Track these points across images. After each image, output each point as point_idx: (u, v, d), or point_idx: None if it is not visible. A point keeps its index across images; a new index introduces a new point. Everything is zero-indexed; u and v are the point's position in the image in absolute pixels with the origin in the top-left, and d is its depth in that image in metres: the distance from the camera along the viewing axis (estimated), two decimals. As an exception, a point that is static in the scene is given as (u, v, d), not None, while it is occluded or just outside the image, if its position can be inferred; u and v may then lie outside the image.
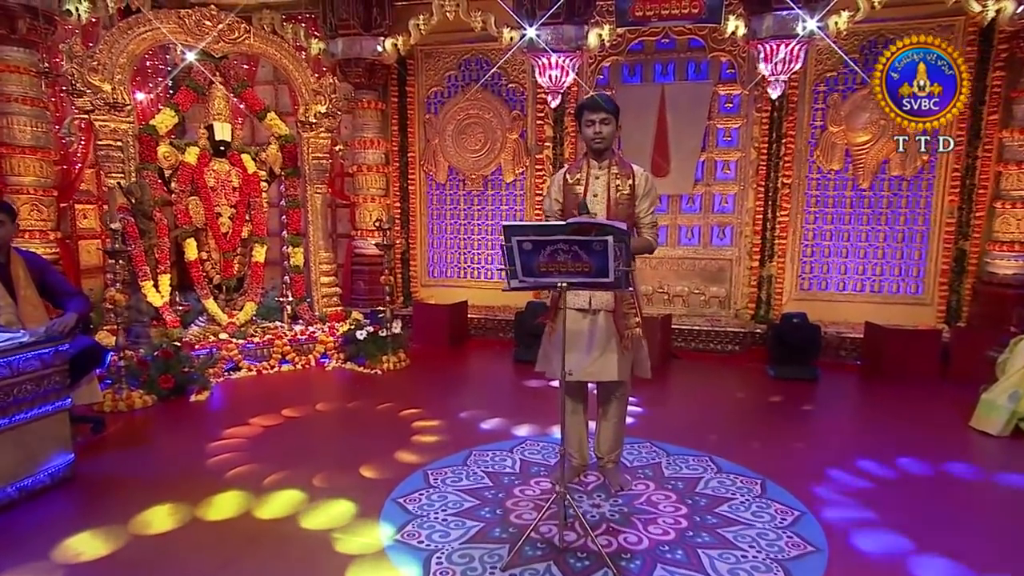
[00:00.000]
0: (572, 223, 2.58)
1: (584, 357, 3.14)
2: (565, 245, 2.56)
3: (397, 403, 4.84)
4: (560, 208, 3.23)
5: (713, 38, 6.79)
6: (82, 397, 4.01)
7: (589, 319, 3.16)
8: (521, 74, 7.46)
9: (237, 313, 6.09)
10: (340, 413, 4.69)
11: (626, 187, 3.12)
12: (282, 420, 4.49)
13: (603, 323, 3.14)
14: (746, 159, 6.98)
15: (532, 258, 2.63)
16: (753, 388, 5.44)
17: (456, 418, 4.53)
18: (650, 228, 3.18)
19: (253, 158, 6.31)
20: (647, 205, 3.16)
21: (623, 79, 7.22)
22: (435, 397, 5.06)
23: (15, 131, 5.67)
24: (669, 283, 7.30)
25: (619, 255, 2.57)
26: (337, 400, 4.97)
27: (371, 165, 7.60)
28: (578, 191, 3.14)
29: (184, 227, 5.86)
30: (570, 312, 3.17)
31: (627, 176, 3.14)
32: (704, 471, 3.64)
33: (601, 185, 3.12)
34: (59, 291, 4.07)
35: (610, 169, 3.13)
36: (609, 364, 3.13)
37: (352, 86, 7.43)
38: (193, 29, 5.87)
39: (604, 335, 3.13)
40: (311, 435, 4.22)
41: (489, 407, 4.75)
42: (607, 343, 3.13)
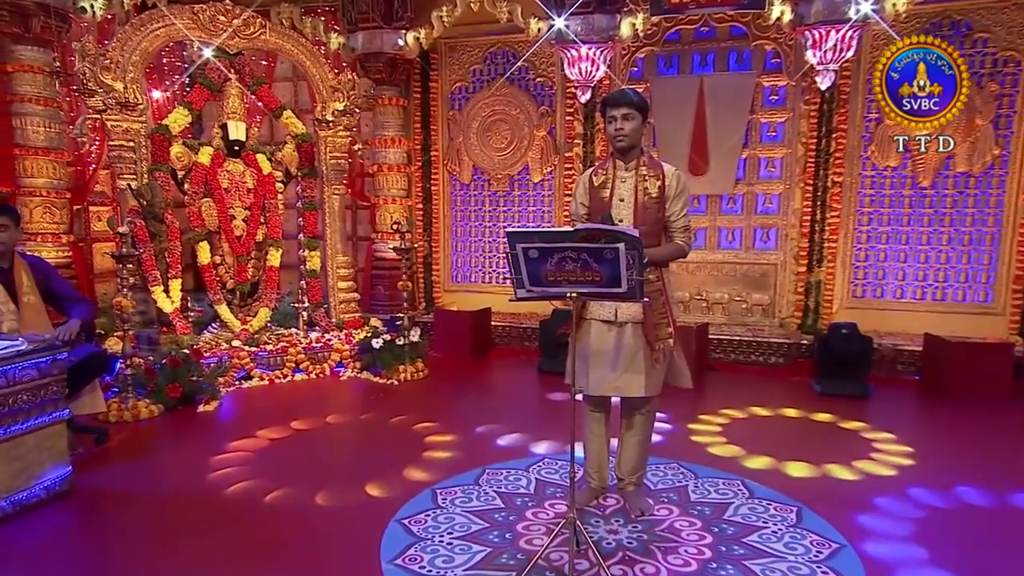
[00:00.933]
0: (580, 230, 2.53)
1: (609, 372, 3.09)
2: (573, 253, 2.52)
3: (411, 416, 4.83)
4: (586, 212, 3.18)
5: (757, 25, 6.64)
6: (85, 407, 4.09)
7: (615, 332, 3.09)
8: (550, 67, 7.41)
9: (251, 319, 6.17)
10: (351, 426, 4.70)
11: (655, 188, 3.04)
12: (290, 433, 4.52)
13: (631, 336, 3.08)
14: (792, 156, 6.81)
15: (539, 266, 2.60)
16: (797, 404, 5.29)
17: (471, 433, 4.50)
18: (682, 232, 3.11)
19: (268, 158, 6.40)
20: (679, 207, 3.08)
21: (659, 71, 7.12)
22: (451, 410, 5.04)
23: (28, 132, 5.85)
24: (708, 289, 7.16)
25: (632, 263, 2.52)
26: (349, 412, 4.98)
27: (392, 164, 7.64)
28: (604, 195, 3.08)
29: (197, 230, 5.96)
30: (595, 324, 3.12)
31: (656, 176, 3.06)
32: (735, 496, 3.53)
33: (628, 188, 3.06)
34: (63, 297, 4.17)
35: (638, 170, 3.06)
36: (635, 378, 3.07)
37: (373, 82, 7.48)
38: (207, 25, 5.98)
39: (632, 349, 3.07)
40: (319, 449, 4.23)
41: (507, 421, 4.70)
42: (634, 357, 3.07)
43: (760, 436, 4.55)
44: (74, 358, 3.87)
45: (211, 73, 6.11)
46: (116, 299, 4.75)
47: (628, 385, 3.09)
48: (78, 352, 3.92)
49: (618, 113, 2.99)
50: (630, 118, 2.99)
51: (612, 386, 3.11)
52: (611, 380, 3.09)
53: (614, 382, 3.09)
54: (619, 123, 3.00)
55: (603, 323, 3.10)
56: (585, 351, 3.13)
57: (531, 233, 2.59)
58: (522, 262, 2.61)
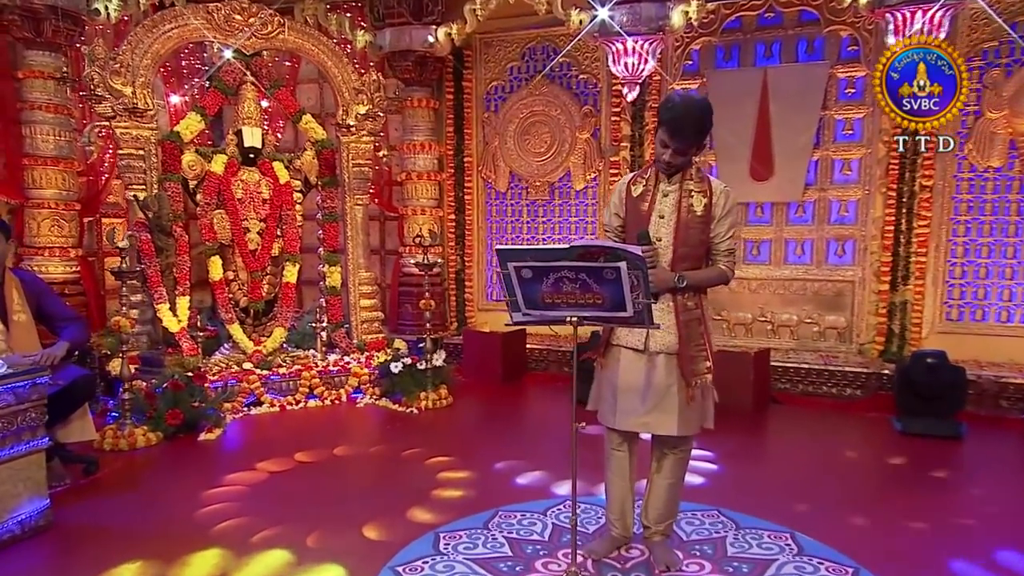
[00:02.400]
0: (577, 247, 2.49)
1: (638, 405, 3.01)
2: (571, 273, 2.51)
3: (426, 448, 4.80)
4: (621, 225, 3.12)
5: (830, 8, 6.44)
6: (74, 434, 4.20)
7: (645, 362, 3.00)
8: (594, 63, 7.35)
9: (265, 340, 6.26)
10: (359, 459, 4.70)
11: (700, 206, 2.94)
12: (293, 465, 4.54)
13: (663, 368, 2.99)
14: (872, 157, 6.55)
15: (534, 287, 2.60)
16: (871, 445, 5.03)
17: (489, 469, 4.43)
18: (726, 256, 3.02)
19: (286, 166, 6.51)
20: (725, 228, 2.98)
21: (716, 63, 6.98)
22: (471, 443, 4.98)
23: (37, 140, 6.10)
24: (773, 310, 6.93)
25: (637, 284, 2.48)
26: (360, 443, 4.98)
27: (421, 172, 7.70)
28: (643, 208, 3.00)
29: (208, 243, 6.10)
30: (624, 351, 3.05)
31: (703, 193, 2.96)
32: (780, 551, 3.34)
33: (670, 204, 2.96)
34: (55, 316, 4.30)
35: (683, 184, 2.97)
36: (667, 416, 2.99)
37: (401, 83, 7.56)
38: (222, 24, 6.14)
39: (663, 382, 2.98)
40: (320, 484, 4.23)
41: (531, 457, 4.61)
42: (666, 392, 2.98)
43: (822, 481, 4.33)
44: (61, 381, 3.98)
45: (226, 76, 6.26)
46: (115, 318, 4.88)
47: (659, 423, 3.01)
48: (65, 375, 4.02)
49: (672, 144, 2.85)
50: (683, 152, 2.88)
51: (640, 422, 3.03)
52: (640, 415, 3.01)
53: (643, 417, 3.01)
54: (670, 155, 2.87)
55: (632, 351, 3.02)
56: (613, 380, 3.06)
57: (522, 251, 2.60)
58: (515, 282, 2.61)
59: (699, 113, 2.86)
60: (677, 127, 2.82)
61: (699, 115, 2.86)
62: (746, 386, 5.87)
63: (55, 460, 4.09)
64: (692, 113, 2.84)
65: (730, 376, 5.89)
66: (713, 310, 7.08)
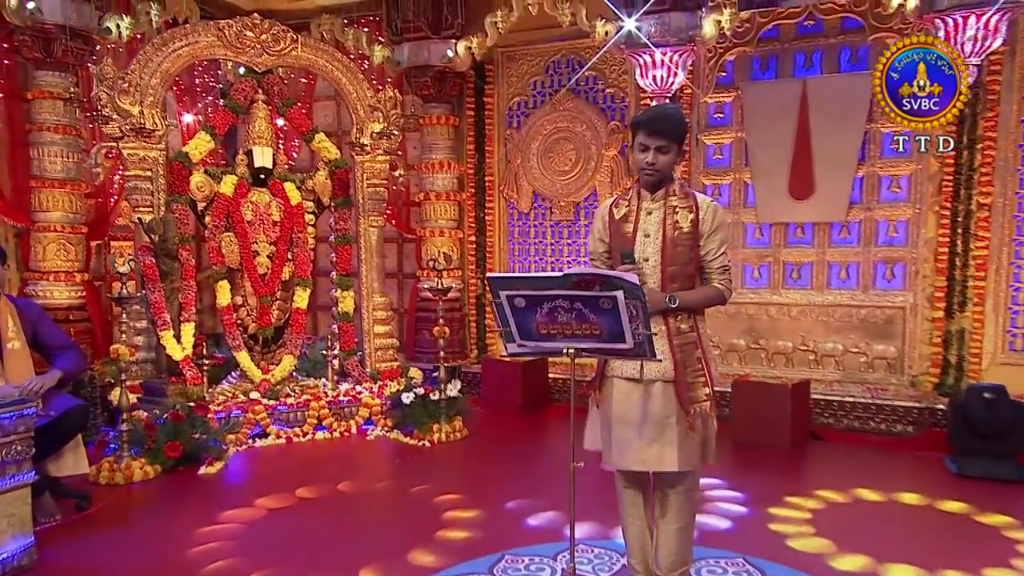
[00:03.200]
0: (571, 275, 2.47)
1: (636, 439, 2.96)
2: (566, 302, 2.50)
3: (435, 485, 4.77)
4: (606, 251, 3.11)
5: (875, 15, 6.33)
6: (66, 467, 4.24)
7: (641, 392, 2.96)
8: (621, 76, 7.34)
9: (273, 368, 6.30)
10: (363, 495, 4.68)
11: (687, 222, 2.93)
12: (293, 502, 4.54)
13: (660, 397, 2.94)
14: (923, 172, 6.41)
15: (528, 317, 2.60)
16: (922, 488, 4.85)
17: (500, 508, 4.38)
18: (720, 274, 2.99)
19: (298, 187, 6.58)
20: (716, 245, 2.96)
21: (752, 75, 6.92)
22: (482, 479, 4.94)
23: (45, 162, 6.26)
24: (816, 338, 6.77)
25: (636, 315, 2.47)
26: (366, 478, 4.97)
27: (440, 192, 7.75)
28: (626, 230, 2.99)
29: (215, 267, 6.18)
30: (618, 382, 3.01)
31: (689, 208, 2.95)
32: (809, 606, 3.21)
33: (655, 222, 2.95)
34: (51, 344, 4.38)
35: (666, 200, 2.96)
36: (668, 450, 2.92)
37: (420, 99, 7.62)
38: (233, 42, 6.27)
39: (661, 412, 2.93)
40: (319, 523, 4.21)
41: (546, 496, 4.54)
42: (665, 422, 2.93)
43: (862, 527, 4.19)
44: (53, 412, 4.04)
45: (237, 94, 6.38)
46: (113, 346, 4.95)
47: (659, 458, 2.93)
48: (57, 405, 4.08)
49: (652, 144, 2.87)
50: (665, 151, 2.88)
51: (638, 458, 2.96)
52: (637, 451, 2.95)
53: (641, 453, 2.95)
54: (652, 155, 2.88)
55: (627, 381, 2.98)
56: (608, 415, 3.02)
57: (514, 279, 2.62)
58: (508, 312, 2.60)
59: (674, 112, 2.98)
60: (654, 126, 2.86)
61: (674, 114, 2.96)
62: (783, 420, 5.74)
63: (46, 495, 4.15)
64: (666, 111, 2.96)
65: (766, 409, 5.82)
66: (751, 338, 6.96)
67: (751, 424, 5.87)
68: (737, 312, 7.06)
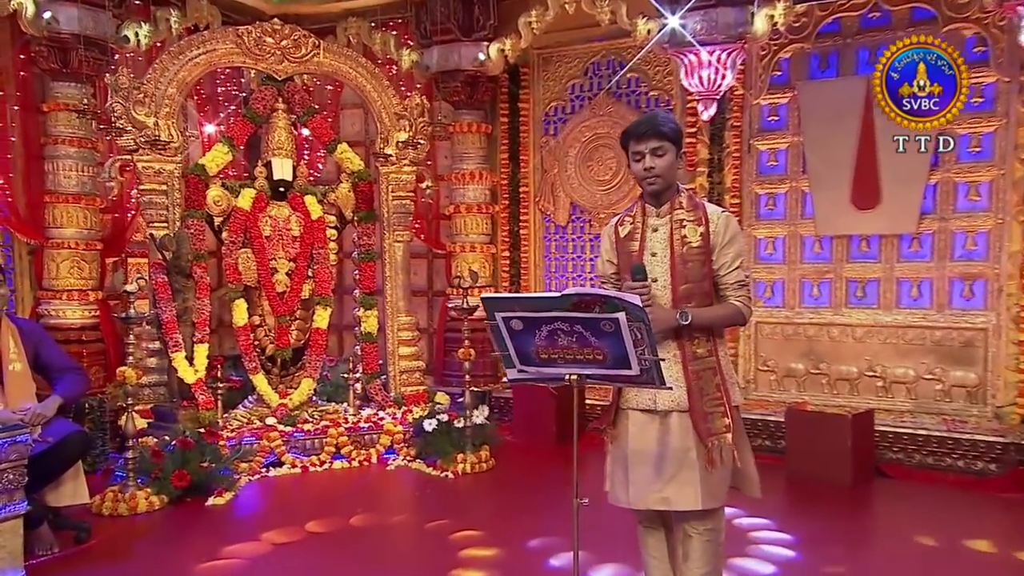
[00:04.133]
0: (571, 295, 2.43)
1: (652, 477, 2.91)
2: (565, 324, 2.47)
3: (453, 519, 4.75)
4: (615, 272, 3.10)
5: (949, 4, 6.18)
6: (65, 496, 4.32)
7: (658, 425, 2.92)
8: (666, 77, 7.26)
9: (292, 392, 6.35)
10: (376, 530, 4.68)
11: (696, 236, 2.90)
12: (302, 536, 4.55)
13: (677, 429, 2.90)
14: (1007, 179, 6.19)
15: (527, 341, 2.57)
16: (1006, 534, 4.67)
17: (521, 547, 4.34)
18: (737, 290, 2.94)
19: (320, 200, 6.65)
20: (729, 258, 2.92)
21: (810, 73, 6.78)
22: (506, 514, 4.90)
23: (59, 177, 6.45)
24: (884, 363, 6.54)
25: (641, 339, 2.42)
26: (381, 512, 4.97)
27: (471, 204, 7.76)
28: (632, 248, 2.98)
29: (232, 285, 6.26)
30: (633, 414, 2.97)
31: (698, 221, 2.92)
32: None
33: (662, 239, 2.94)
34: (52, 366, 4.49)
35: (672, 214, 2.94)
36: (687, 487, 2.87)
37: (451, 105, 7.65)
38: (252, 49, 6.38)
39: (680, 446, 2.89)
40: (327, 560, 4.22)
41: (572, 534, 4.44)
42: (684, 457, 2.88)
43: (923, 576, 4.01)
44: (51, 438, 4.11)
45: (256, 103, 6.48)
46: (120, 368, 5.04)
47: (679, 496, 2.88)
48: (54, 431, 4.16)
49: (645, 148, 2.87)
50: (661, 152, 2.86)
51: (657, 497, 2.91)
52: (656, 489, 2.90)
53: (660, 491, 2.90)
54: (648, 160, 2.87)
55: (642, 413, 2.94)
56: (623, 451, 2.97)
57: (510, 299, 2.61)
58: (506, 335, 2.58)
59: (662, 113, 3.03)
60: (642, 129, 2.89)
61: (663, 114, 3.01)
62: (843, 454, 5.55)
63: (44, 525, 4.22)
64: (654, 113, 3.00)
65: (823, 442, 5.65)
66: (811, 362, 6.78)
67: (807, 458, 5.71)
68: (795, 333, 6.90)
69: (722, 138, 6.97)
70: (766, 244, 7.02)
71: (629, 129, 2.95)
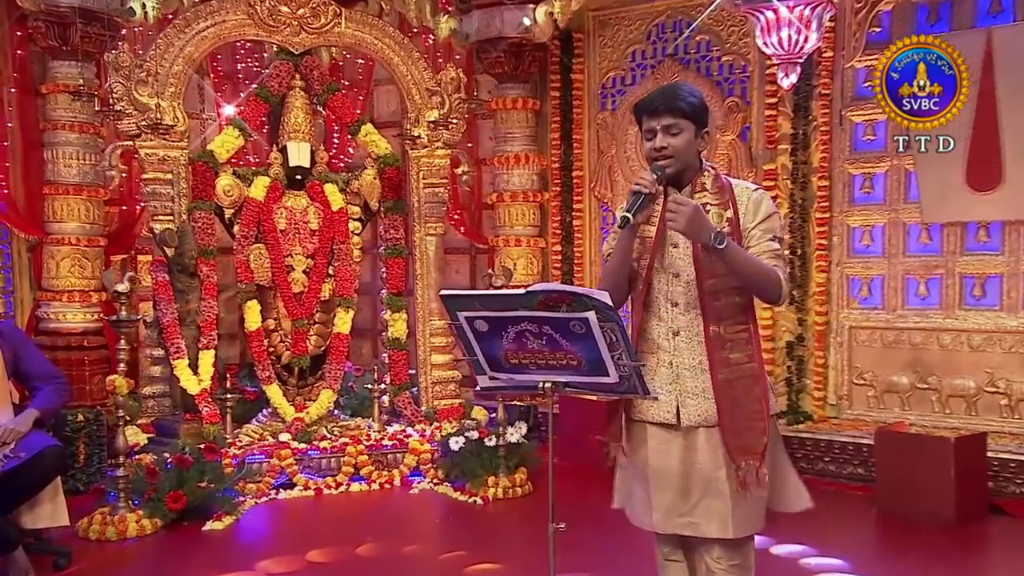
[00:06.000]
0: (536, 292, 2.43)
1: (679, 499, 2.88)
2: (533, 325, 2.48)
3: (472, 551, 4.75)
4: None
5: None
6: (42, 518, 4.45)
7: (681, 441, 2.87)
8: (741, 39, 7.11)
9: (310, 405, 6.45)
10: (383, 562, 4.70)
11: (722, 223, 2.82)
12: (301, 567, 4.62)
13: (706, 448, 2.85)
14: None
15: (493, 344, 2.59)
16: None
17: (542, 586, 4.26)
18: (771, 258, 2.84)
19: (341, 189, 6.74)
20: (760, 231, 2.85)
21: (916, 28, 6.52)
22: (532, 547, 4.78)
23: (59, 166, 6.70)
24: (1008, 376, 6.26)
25: (615, 341, 2.41)
26: (393, 541, 4.98)
27: (516, 191, 7.77)
28: (648, 236, 2.91)
29: (243, 285, 6.40)
30: (652, 429, 2.93)
31: (723, 205, 2.85)
32: None
33: None
34: (31, 374, 4.65)
35: (693, 198, 2.85)
36: (716, 513, 2.83)
37: (494, 79, 7.66)
38: (266, 19, 6.52)
39: (710, 466, 2.84)
40: (323, 595, 4.25)
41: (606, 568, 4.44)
42: (714, 478, 2.83)
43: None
44: (23, 453, 4.26)
45: (270, 80, 6.61)
46: (110, 377, 5.20)
47: (707, 522, 2.84)
48: (29, 445, 4.29)
49: (657, 124, 2.80)
50: (675, 131, 2.78)
51: (684, 521, 2.88)
52: (683, 513, 2.86)
53: (688, 515, 2.86)
54: (659, 139, 2.80)
55: (661, 428, 2.89)
56: (642, 468, 2.96)
57: (471, 297, 2.63)
58: (471, 338, 2.59)
59: (681, 85, 3.01)
60: (655, 104, 2.82)
61: (682, 86, 2.96)
62: (945, 486, 5.32)
63: (19, 550, 4.36)
64: (671, 86, 3.03)
65: (921, 471, 5.49)
66: (917, 376, 6.54)
67: (901, 489, 5.51)
68: (897, 340, 6.65)
69: (808, 109, 6.80)
70: (861, 234, 6.79)
71: (640, 103, 2.90)
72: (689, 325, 2.83)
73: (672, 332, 2.85)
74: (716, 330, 2.80)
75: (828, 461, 6.40)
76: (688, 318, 2.83)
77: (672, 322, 2.85)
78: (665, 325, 2.86)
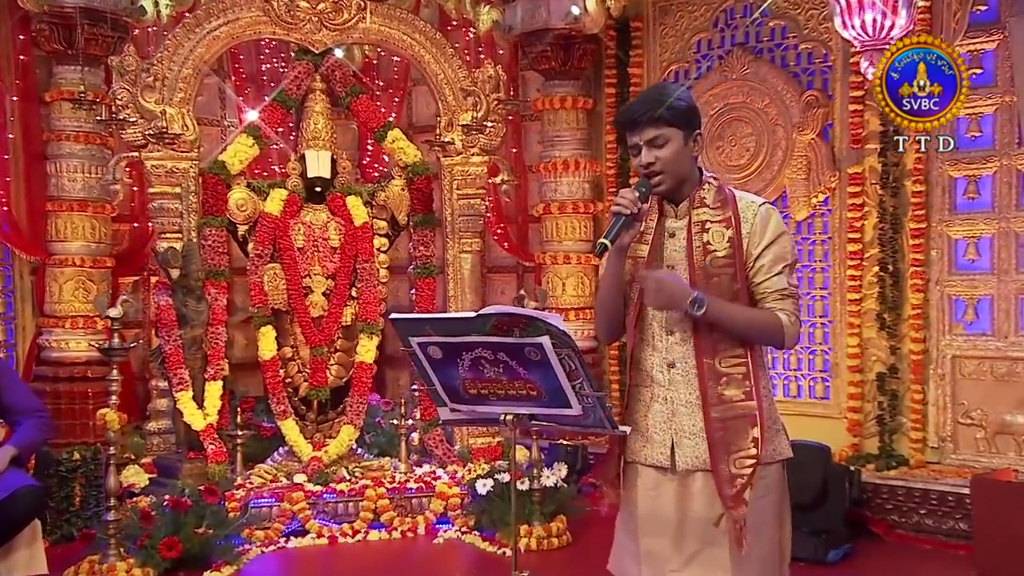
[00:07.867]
0: (488, 315, 2.51)
1: (671, 551, 2.89)
2: (488, 352, 2.57)
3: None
4: None
5: None
6: (17, 566, 4.65)
7: (675, 487, 2.89)
8: (822, 24, 7.03)
9: (329, 443, 6.55)
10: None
11: (723, 244, 2.85)
12: (304, 625, 4.69)
13: (701, 494, 2.87)
14: None
15: (449, 372, 2.68)
16: None
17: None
18: (778, 299, 2.85)
19: (366, 202, 6.86)
20: (769, 260, 2.84)
21: (1030, 5, 6.44)
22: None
23: (63, 180, 6.98)
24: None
25: (574, 369, 2.49)
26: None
27: (565, 201, 7.80)
28: (640, 254, 2.96)
29: (257, 309, 6.55)
30: (643, 470, 2.96)
31: (725, 222, 2.86)
32: None
33: (679, 248, 2.92)
34: (12, 408, 4.86)
35: (692, 215, 2.90)
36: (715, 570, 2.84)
37: (541, 75, 7.72)
38: (283, 16, 6.71)
39: (705, 515, 2.86)
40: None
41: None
42: (709, 530, 2.86)
43: None
44: (1, 492, 4.46)
45: (288, 83, 6.79)
46: (100, 411, 5.39)
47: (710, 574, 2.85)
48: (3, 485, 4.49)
49: (640, 139, 2.85)
50: (661, 142, 2.82)
51: None
52: (674, 568, 2.87)
53: (679, 571, 2.87)
54: (644, 155, 2.85)
55: (654, 470, 2.92)
56: (632, 512, 2.98)
57: (421, 320, 2.72)
58: (427, 365, 2.69)
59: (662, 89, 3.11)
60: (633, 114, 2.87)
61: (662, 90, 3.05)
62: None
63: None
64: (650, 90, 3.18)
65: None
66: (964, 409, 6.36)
67: (1002, 547, 5.33)
68: (1011, 373, 6.44)
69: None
70: (965, 247, 6.62)
71: (619, 115, 3.05)
72: (686, 356, 2.85)
73: (667, 364, 2.87)
74: (710, 363, 2.82)
75: (924, 514, 6.21)
76: (685, 349, 2.85)
77: (667, 352, 2.88)
78: (659, 355, 2.89)
